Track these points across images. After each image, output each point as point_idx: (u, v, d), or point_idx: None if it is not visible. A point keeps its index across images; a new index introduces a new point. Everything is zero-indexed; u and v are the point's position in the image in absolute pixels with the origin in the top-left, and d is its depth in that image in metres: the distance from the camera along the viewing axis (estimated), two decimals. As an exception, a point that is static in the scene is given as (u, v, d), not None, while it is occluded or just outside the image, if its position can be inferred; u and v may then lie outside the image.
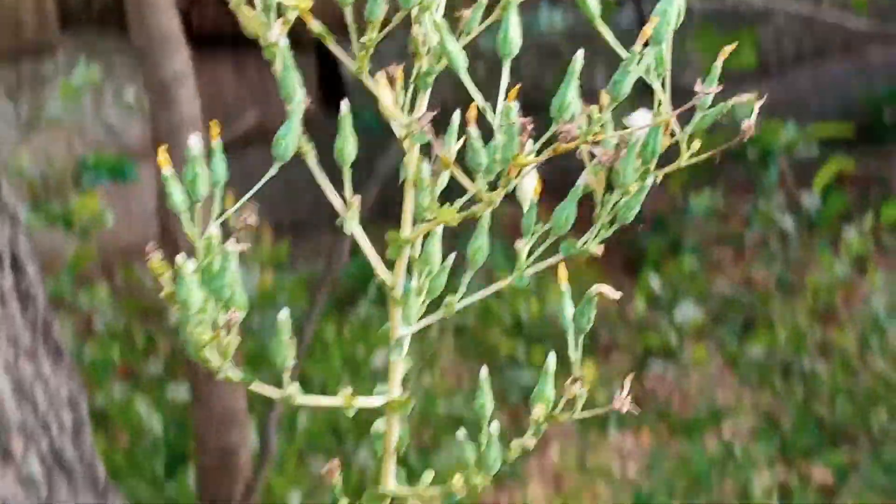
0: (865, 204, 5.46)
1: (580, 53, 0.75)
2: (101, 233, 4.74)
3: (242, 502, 3.10)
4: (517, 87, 0.74)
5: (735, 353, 4.59)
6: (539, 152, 0.72)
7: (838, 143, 4.93)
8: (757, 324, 4.86)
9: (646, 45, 0.74)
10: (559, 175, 0.93)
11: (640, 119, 0.77)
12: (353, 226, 0.75)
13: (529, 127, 0.71)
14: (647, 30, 0.70)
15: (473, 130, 0.70)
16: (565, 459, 3.90)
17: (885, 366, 4.36)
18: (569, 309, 0.79)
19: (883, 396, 4.09)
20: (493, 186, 0.73)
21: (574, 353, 0.79)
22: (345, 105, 0.79)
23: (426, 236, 0.80)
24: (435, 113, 0.71)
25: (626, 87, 0.73)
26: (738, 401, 4.35)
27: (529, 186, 0.77)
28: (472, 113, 0.70)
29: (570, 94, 0.73)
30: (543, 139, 0.74)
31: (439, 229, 0.79)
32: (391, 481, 0.83)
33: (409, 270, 0.81)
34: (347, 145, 0.77)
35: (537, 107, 0.89)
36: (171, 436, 3.68)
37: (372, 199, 3.29)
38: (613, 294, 0.76)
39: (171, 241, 3.00)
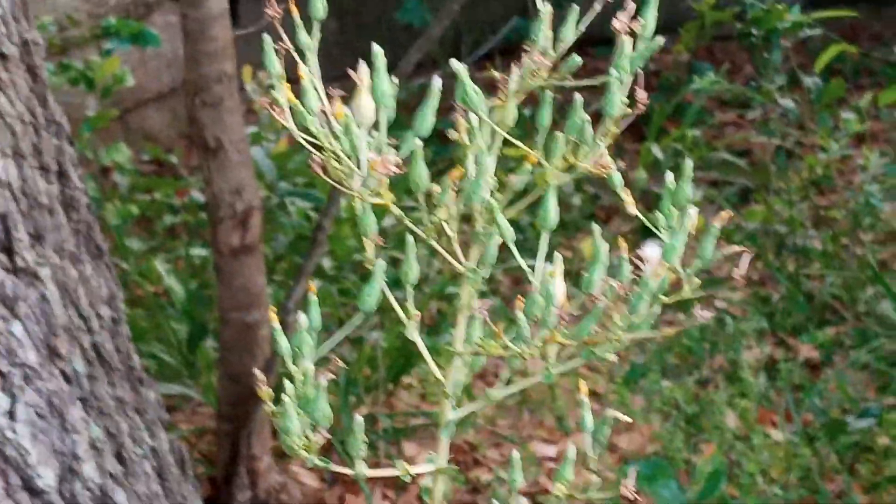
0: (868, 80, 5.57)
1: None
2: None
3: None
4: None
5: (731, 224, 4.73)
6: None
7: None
8: (754, 195, 5.02)
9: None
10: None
11: (652, 251, 0.92)
12: (414, 335, 0.91)
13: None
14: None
15: (521, 317, 0.86)
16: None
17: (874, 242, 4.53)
18: (588, 420, 0.95)
19: (871, 275, 4.25)
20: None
21: (592, 453, 0.95)
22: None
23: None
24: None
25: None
26: (732, 271, 4.48)
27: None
28: (518, 303, 0.86)
29: (597, 274, 0.89)
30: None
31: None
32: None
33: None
34: (411, 271, 0.91)
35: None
36: (192, 303, 3.83)
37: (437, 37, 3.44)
38: (625, 418, 0.93)
39: (199, 132, 3.15)
